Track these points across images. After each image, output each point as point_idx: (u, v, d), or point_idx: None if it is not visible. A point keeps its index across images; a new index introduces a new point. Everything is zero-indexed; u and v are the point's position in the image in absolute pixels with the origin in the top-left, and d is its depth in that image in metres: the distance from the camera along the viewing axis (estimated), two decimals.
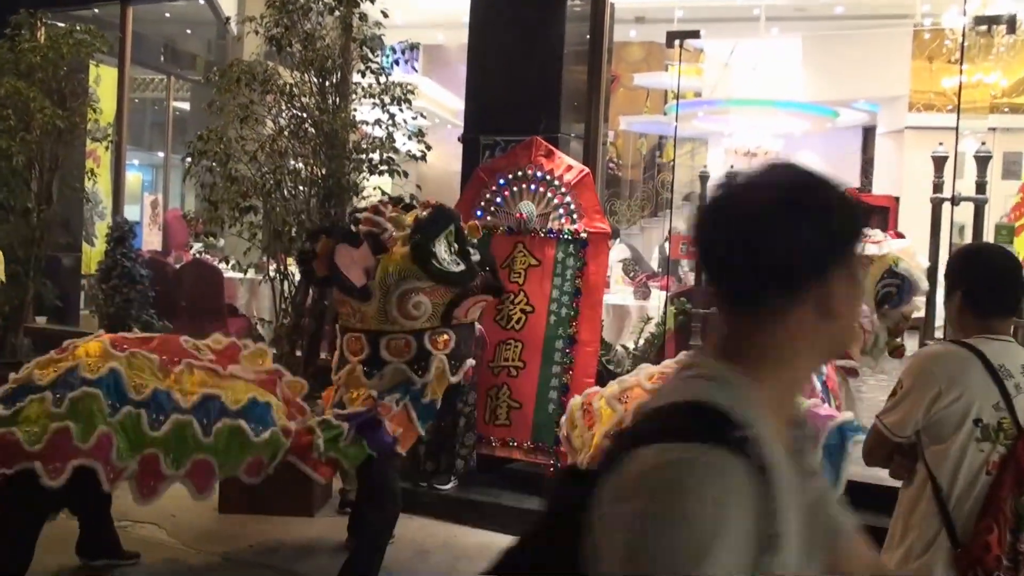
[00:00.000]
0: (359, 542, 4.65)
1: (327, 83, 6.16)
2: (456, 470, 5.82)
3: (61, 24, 8.18)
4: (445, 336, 4.46)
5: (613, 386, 3.98)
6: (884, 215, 13.14)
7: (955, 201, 5.87)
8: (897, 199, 13.09)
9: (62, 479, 3.89)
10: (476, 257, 4.56)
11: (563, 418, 4.50)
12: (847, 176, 16.67)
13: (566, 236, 5.95)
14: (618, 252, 9.70)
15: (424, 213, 4.49)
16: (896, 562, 2.64)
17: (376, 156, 6.13)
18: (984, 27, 6.42)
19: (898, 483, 2.87)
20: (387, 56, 6.56)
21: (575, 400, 4.17)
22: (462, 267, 4.42)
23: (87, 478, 4.13)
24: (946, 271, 2.85)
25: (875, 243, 4.58)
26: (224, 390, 4.20)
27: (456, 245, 4.46)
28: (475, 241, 4.76)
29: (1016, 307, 2.79)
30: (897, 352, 4.66)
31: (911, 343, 10.97)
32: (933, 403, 2.55)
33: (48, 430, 3.88)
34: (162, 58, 14.31)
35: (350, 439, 4.32)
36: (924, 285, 4.58)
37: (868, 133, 17.18)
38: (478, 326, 4.89)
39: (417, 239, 4.28)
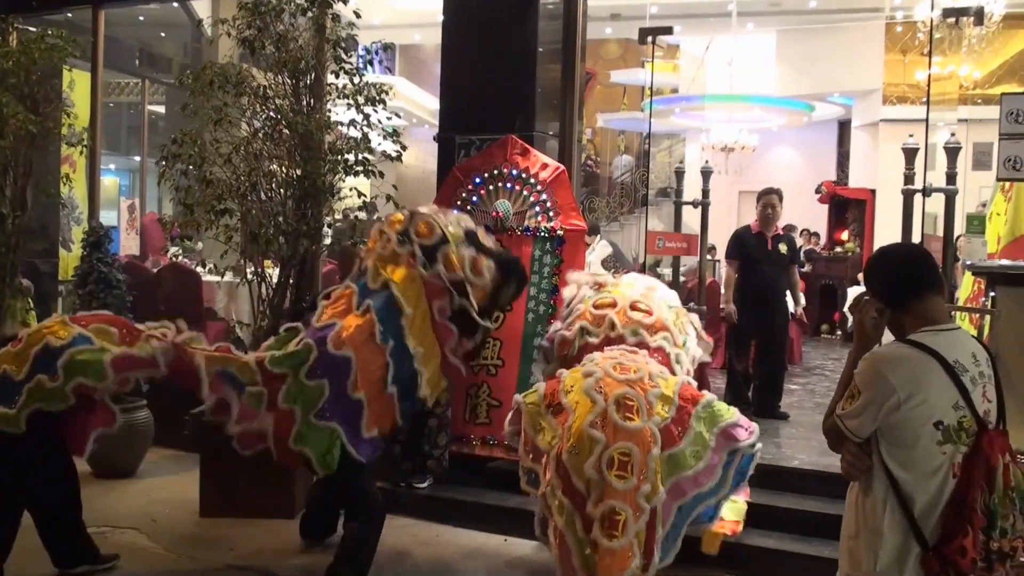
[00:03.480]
0: (346, 548, 4.61)
1: (301, 84, 6.14)
2: (429, 470, 5.82)
3: (32, 29, 8.09)
4: None
5: (577, 376, 3.97)
6: (861, 207, 13.31)
7: (926, 192, 5.94)
8: (873, 191, 13.24)
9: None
10: None
11: (509, 419, 4.37)
12: (824, 170, 16.85)
13: (543, 234, 5.98)
14: (601, 250, 9.73)
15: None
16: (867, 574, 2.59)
17: (352, 157, 6.12)
18: (952, 19, 6.50)
19: None
20: (362, 56, 6.55)
21: (532, 401, 4.08)
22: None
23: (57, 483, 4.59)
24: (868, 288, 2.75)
25: None
26: None
27: None
28: None
29: (932, 282, 2.68)
30: None
31: None
32: (893, 411, 2.51)
33: (66, 396, 4.25)
34: (137, 62, 14.21)
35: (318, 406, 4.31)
36: None
37: (843, 126, 17.28)
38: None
39: None
